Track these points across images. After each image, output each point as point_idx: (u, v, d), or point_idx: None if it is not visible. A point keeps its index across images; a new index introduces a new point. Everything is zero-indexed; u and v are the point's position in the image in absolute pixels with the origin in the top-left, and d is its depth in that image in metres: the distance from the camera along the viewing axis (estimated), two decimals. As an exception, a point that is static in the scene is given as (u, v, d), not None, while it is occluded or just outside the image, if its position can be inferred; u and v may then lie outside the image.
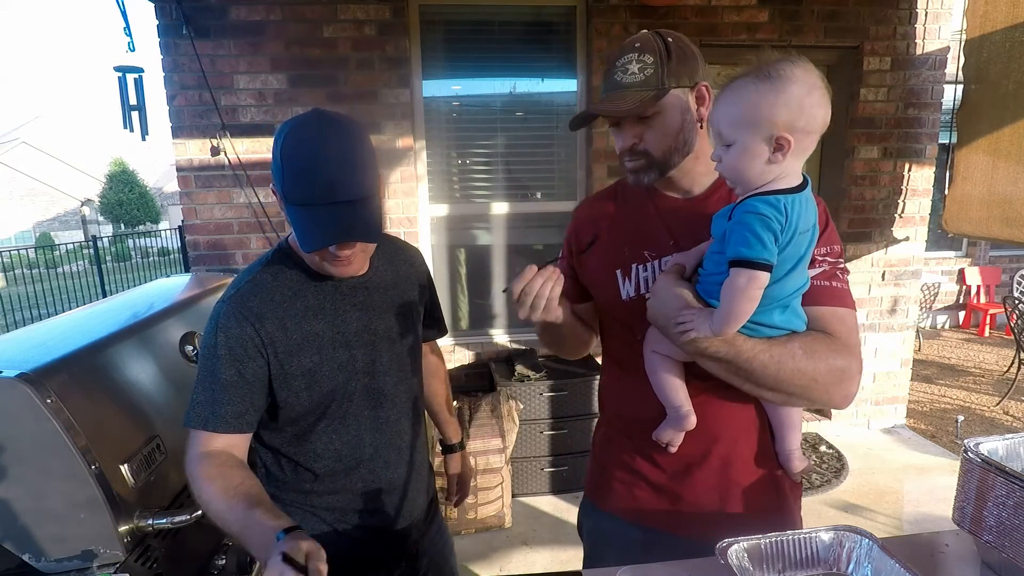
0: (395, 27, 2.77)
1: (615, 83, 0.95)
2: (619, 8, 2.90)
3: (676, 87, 0.94)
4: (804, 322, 0.89)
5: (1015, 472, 0.79)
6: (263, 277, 0.99)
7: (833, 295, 0.90)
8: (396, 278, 1.13)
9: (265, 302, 0.97)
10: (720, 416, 0.98)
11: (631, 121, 0.96)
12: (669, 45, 0.94)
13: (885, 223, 3.35)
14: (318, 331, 1.00)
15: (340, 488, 1.06)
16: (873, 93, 3.18)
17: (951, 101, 3.14)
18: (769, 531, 0.84)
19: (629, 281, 1.01)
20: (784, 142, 0.79)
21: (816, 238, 0.86)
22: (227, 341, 0.94)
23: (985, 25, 2.72)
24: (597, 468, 1.17)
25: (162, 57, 2.66)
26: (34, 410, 0.92)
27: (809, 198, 0.84)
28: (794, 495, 1.07)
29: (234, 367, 0.93)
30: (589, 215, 1.13)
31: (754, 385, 0.89)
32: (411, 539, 1.17)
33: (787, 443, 0.99)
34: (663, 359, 0.95)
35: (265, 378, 0.96)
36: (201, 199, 2.82)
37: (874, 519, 2.67)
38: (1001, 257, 6.65)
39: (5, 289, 8.82)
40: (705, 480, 1.01)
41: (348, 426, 1.05)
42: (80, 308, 1.51)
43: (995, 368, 5.03)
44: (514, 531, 2.63)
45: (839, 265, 0.92)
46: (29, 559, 0.96)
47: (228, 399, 0.93)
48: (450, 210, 3.13)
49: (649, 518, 1.06)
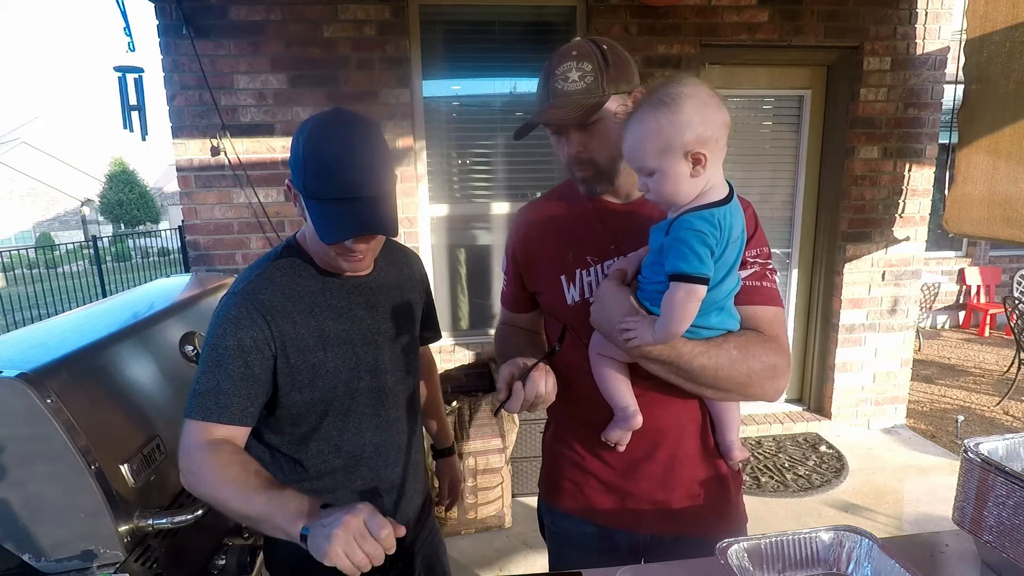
0: (395, 27, 2.77)
1: (556, 91, 0.95)
2: (619, 8, 2.90)
3: (615, 93, 0.95)
4: (738, 321, 0.93)
5: (1015, 472, 0.79)
6: (273, 272, 1.00)
7: (764, 295, 0.94)
8: (398, 279, 1.15)
9: (275, 296, 0.97)
10: (665, 414, 1.02)
11: (574, 129, 0.96)
12: (605, 52, 0.95)
13: (885, 223, 3.35)
14: (325, 327, 1.01)
15: (339, 486, 1.06)
16: (873, 93, 3.18)
17: (951, 101, 3.14)
18: (716, 522, 0.88)
19: (574, 286, 1.03)
20: (700, 156, 0.82)
21: (744, 242, 0.91)
22: (236, 333, 0.93)
23: (985, 25, 2.72)
24: (549, 469, 1.20)
25: (162, 57, 2.66)
26: (34, 410, 0.92)
27: (737, 206, 0.87)
28: (735, 485, 1.11)
29: (242, 359, 0.93)
30: (532, 219, 1.13)
31: (695, 384, 0.93)
32: (406, 539, 1.15)
33: (727, 435, 1.04)
34: (608, 361, 0.98)
35: (271, 372, 0.96)
36: (201, 199, 2.82)
37: (874, 519, 2.67)
38: (1001, 257, 6.65)
39: (5, 289, 8.83)
40: (652, 476, 1.05)
41: (350, 423, 1.05)
42: (80, 308, 1.51)
43: (995, 368, 5.03)
44: (514, 531, 2.63)
45: (768, 266, 0.97)
46: (29, 559, 0.96)
47: (235, 391, 0.93)
48: (450, 210, 3.13)
49: (601, 515, 1.10)
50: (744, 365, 0.89)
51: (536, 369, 0.93)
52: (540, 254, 1.09)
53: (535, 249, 1.10)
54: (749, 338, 0.92)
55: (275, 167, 2.83)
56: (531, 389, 0.91)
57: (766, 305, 0.94)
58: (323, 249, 0.98)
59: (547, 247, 1.08)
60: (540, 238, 1.10)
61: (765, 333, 0.93)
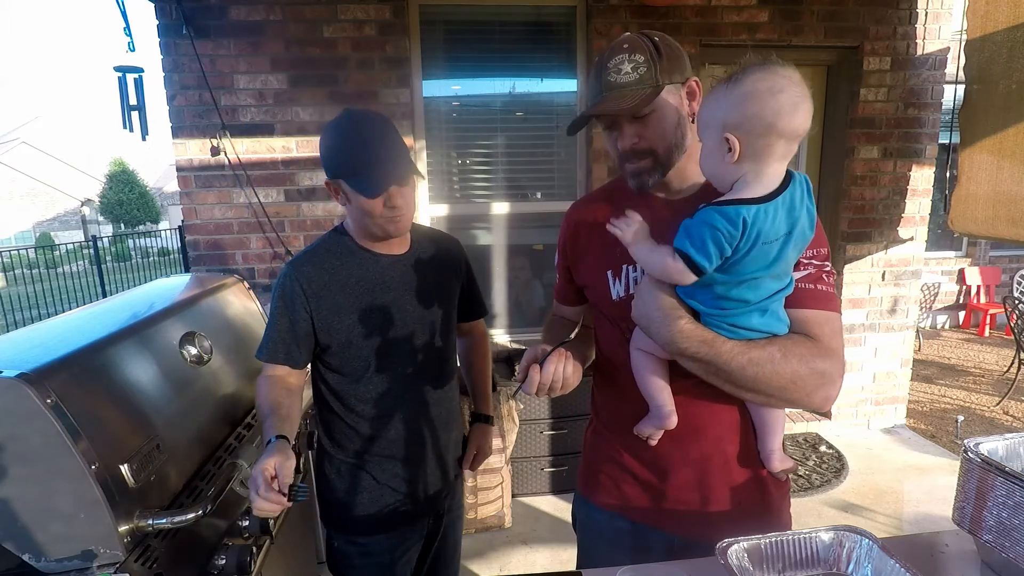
0: (395, 27, 2.77)
1: (609, 84, 0.95)
2: (619, 8, 2.90)
3: (669, 83, 0.95)
4: (786, 325, 0.90)
5: (1015, 472, 0.79)
6: (318, 249, 1.25)
7: (817, 298, 0.91)
8: (435, 259, 1.35)
9: (316, 268, 1.22)
10: (704, 415, 1.00)
11: (628, 121, 0.96)
12: (657, 44, 0.95)
13: (885, 223, 3.35)
14: (358, 295, 1.22)
15: (381, 435, 1.27)
16: (873, 93, 3.18)
17: (951, 101, 3.14)
18: (753, 530, 0.85)
19: (619, 281, 1.04)
20: (731, 142, 0.81)
21: (793, 241, 0.86)
22: (282, 295, 1.21)
23: (986, 25, 2.71)
24: (587, 463, 1.20)
25: (162, 57, 2.66)
26: (34, 410, 0.92)
27: (781, 206, 0.83)
28: (780, 494, 1.07)
29: (287, 316, 1.20)
30: (581, 216, 1.15)
31: (733, 386, 0.91)
32: (439, 497, 1.37)
33: (768, 443, 1.01)
34: (647, 357, 0.98)
35: (309, 328, 1.21)
36: (201, 199, 2.82)
37: (874, 519, 2.68)
38: (1001, 257, 6.65)
39: (5, 289, 8.82)
40: (688, 476, 1.03)
41: (384, 379, 1.25)
42: (80, 308, 1.51)
43: (995, 368, 5.03)
44: (514, 531, 2.63)
45: (825, 268, 0.93)
46: (29, 559, 0.96)
47: (280, 339, 1.21)
48: (450, 210, 3.12)
49: (636, 513, 1.09)
50: (787, 369, 0.87)
51: (553, 354, 0.96)
52: (587, 249, 1.11)
53: (583, 244, 1.12)
54: (795, 342, 0.89)
55: (275, 167, 2.83)
56: (546, 373, 0.95)
57: (819, 309, 0.91)
58: (368, 222, 1.19)
59: (594, 242, 1.10)
60: (588, 234, 1.12)
61: (816, 338, 0.90)
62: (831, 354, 0.89)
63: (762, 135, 0.80)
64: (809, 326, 0.90)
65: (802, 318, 0.91)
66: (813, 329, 0.90)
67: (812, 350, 0.88)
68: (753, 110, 0.79)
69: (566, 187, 3.19)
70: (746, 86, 0.80)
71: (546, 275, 3.36)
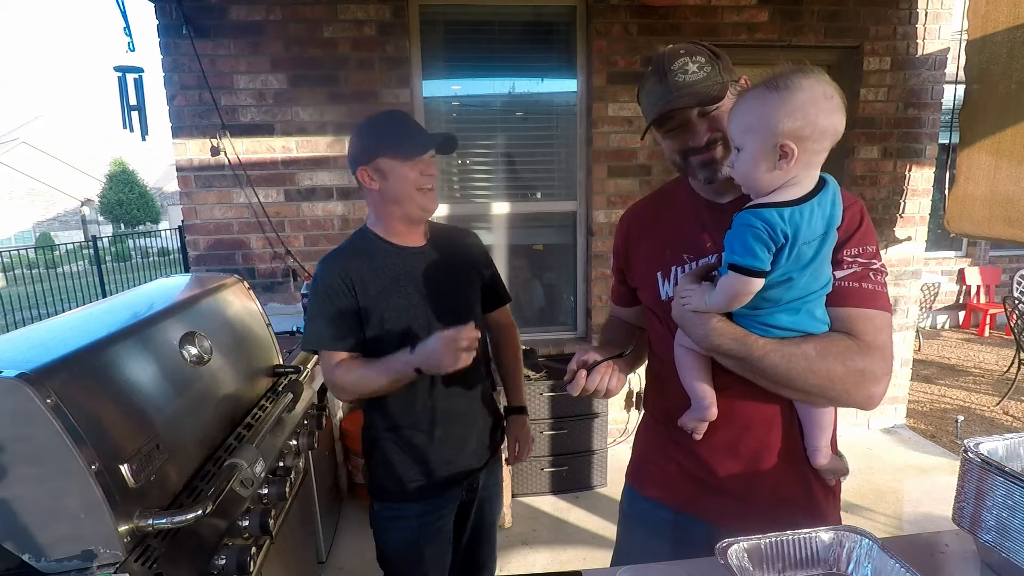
0: (395, 27, 2.77)
1: (678, 83, 0.96)
2: (619, 8, 2.90)
3: (731, 80, 0.98)
4: (824, 324, 0.91)
5: (1015, 472, 0.79)
6: (347, 245, 1.38)
7: (861, 296, 0.91)
8: (454, 251, 1.44)
9: (350, 257, 1.34)
10: (749, 409, 1.02)
11: (699, 117, 0.98)
12: (710, 47, 1.00)
13: (885, 223, 3.35)
14: (388, 283, 1.32)
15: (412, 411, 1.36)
16: (873, 93, 3.18)
17: (951, 101, 3.14)
18: (795, 525, 0.85)
19: (668, 282, 1.07)
20: (788, 150, 0.81)
21: (829, 243, 0.88)
22: (326, 290, 1.30)
23: (987, 26, 2.72)
24: (637, 454, 1.26)
25: (162, 57, 2.66)
26: (34, 410, 0.92)
27: (817, 206, 0.84)
28: (826, 494, 1.07)
29: (332, 303, 1.30)
30: (634, 220, 1.20)
31: (771, 382, 0.92)
32: (471, 472, 1.45)
33: (813, 440, 1.02)
34: (688, 352, 1.01)
35: (355, 310, 1.30)
36: (201, 199, 2.82)
37: (874, 519, 2.68)
38: (1001, 257, 6.65)
39: (5, 289, 8.82)
40: (732, 469, 1.05)
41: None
42: (80, 308, 1.51)
43: (995, 368, 5.03)
44: (514, 531, 2.63)
45: (872, 266, 0.92)
46: (29, 559, 0.96)
47: (326, 325, 1.30)
48: (450, 210, 3.12)
49: (680, 502, 1.12)
50: (822, 367, 0.87)
51: (602, 365, 1.02)
52: (639, 251, 1.16)
53: (635, 246, 1.17)
54: (833, 340, 0.89)
55: (275, 167, 2.83)
56: (591, 381, 1.01)
57: (864, 308, 0.90)
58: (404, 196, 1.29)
59: (646, 244, 1.14)
60: (640, 235, 1.16)
61: (859, 336, 0.89)
62: (873, 352, 0.89)
63: (819, 140, 0.82)
64: (851, 324, 0.90)
65: (844, 316, 0.91)
66: (855, 327, 0.90)
67: (851, 348, 0.88)
68: (812, 116, 0.80)
69: (566, 187, 3.18)
70: (803, 93, 0.80)
71: (546, 275, 3.36)
